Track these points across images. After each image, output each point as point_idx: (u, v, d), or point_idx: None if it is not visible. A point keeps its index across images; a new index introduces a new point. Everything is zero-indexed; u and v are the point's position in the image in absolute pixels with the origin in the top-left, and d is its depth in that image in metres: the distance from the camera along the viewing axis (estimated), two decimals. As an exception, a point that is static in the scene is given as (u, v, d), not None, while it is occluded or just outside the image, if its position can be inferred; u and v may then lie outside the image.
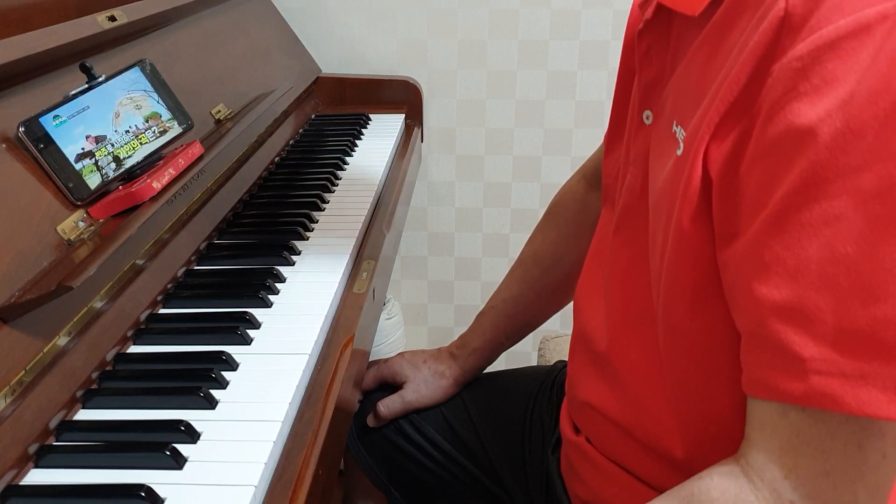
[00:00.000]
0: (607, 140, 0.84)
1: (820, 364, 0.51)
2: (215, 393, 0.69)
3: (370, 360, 1.04)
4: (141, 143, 0.90)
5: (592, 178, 0.99)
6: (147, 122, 0.92)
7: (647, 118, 0.71)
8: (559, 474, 0.87)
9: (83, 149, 0.82)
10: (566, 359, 1.05)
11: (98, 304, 0.75)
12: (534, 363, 1.25)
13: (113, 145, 0.86)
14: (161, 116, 0.95)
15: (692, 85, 0.62)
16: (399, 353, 1.05)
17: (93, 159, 0.82)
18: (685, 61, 0.64)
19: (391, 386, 1.02)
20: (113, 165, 0.85)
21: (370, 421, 1.01)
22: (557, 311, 1.05)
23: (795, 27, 0.51)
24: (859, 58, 0.49)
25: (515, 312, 1.02)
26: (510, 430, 0.96)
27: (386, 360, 1.04)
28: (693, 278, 0.60)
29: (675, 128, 0.63)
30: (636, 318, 0.72)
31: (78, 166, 0.80)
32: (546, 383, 0.98)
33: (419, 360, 1.03)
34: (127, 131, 0.89)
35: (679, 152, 0.61)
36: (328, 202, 1.13)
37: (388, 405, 0.99)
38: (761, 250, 0.53)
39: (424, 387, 1.01)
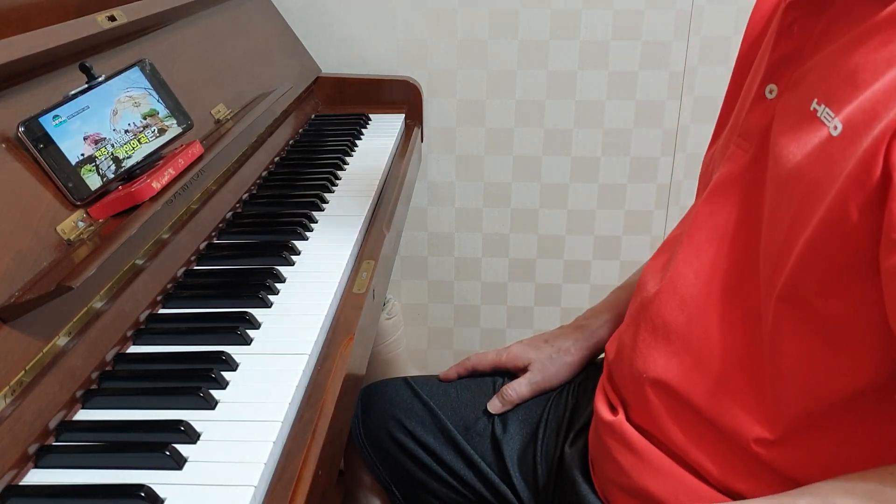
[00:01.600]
0: (717, 131, 0.83)
1: None
2: (215, 393, 0.68)
3: (370, 359, 1.04)
4: (140, 143, 0.90)
5: None
6: (145, 119, 0.92)
7: (771, 92, 0.70)
8: (581, 465, 0.87)
9: (83, 150, 0.82)
10: None
11: (98, 305, 0.75)
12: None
13: (113, 145, 0.86)
14: (159, 114, 0.95)
15: (853, 67, 0.61)
16: (517, 341, 1.04)
17: (92, 160, 0.82)
18: (846, 40, 0.63)
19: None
20: (112, 165, 0.85)
21: (494, 407, 0.98)
22: None
23: None
24: None
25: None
26: (525, 430, 0.96)
27: (506, 348, 1.02)
28: (845, 262, 0.59)
29: (816, 106, 0.62)
30: (721, 290, 0.71)
31: (78, 166, 0.80)
32: (562, 386, 0.98)
33: (539, 341, 1.02)
34: (126, 131, 0.89)
35: (835, 133, 0.60)
36: (328, 202, 1.12)
37: (517, 389, 0.97)
38: None
39: (550, 364, 0.99)
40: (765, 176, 0.69)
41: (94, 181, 0.81)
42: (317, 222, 1.05)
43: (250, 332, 0.78)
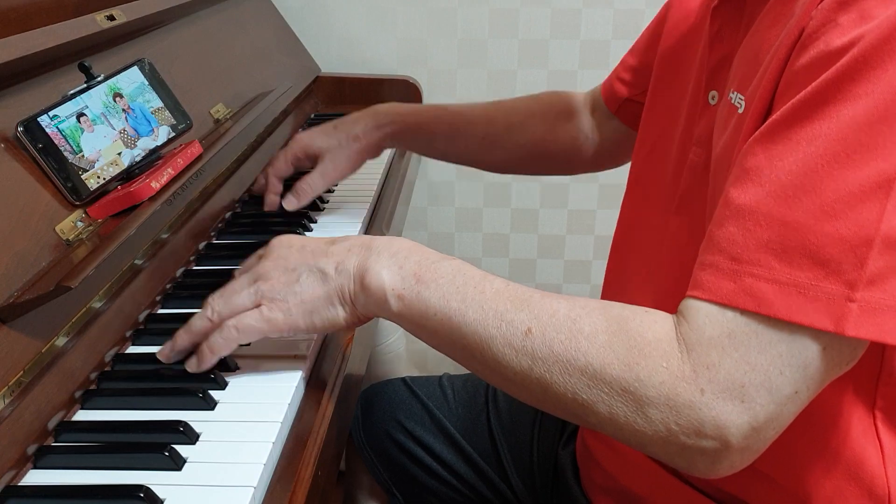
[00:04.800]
0: (647, 121, 0.85)
1: (755, 268, 0.53)
2: (214, 394, 0.68)
3: (370, 359, 1.04)
4: (140, 143, 0.90)
5: (596, 105, 1.04)
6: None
7: (713, 98, 0.71)
8: (572, 467, 0.87)
9: (82, 148, 0.82)
10: None
11: (97, 305, 0.75)
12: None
13: (112, 145, 0.86)
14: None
15: (753, 53, 0.63)
16: (305, 131, 1.05)
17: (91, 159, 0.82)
18: (750, 32, 0.65)
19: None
20: (111, 165, 0.84)
21: (290, 203, 1.00)
22: (476, 164, 1.08)
23: None
24: None
25: (458, 128, 1.04)
26: (520, 430, 0.95)
27: (293, 139, 1.04)
28: None
29: (731, 94, 0.64)
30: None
31: (77, 166, 0.80)
32: None
33: (329, 127, 1.03)
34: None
35: (740, 111, 0.62)
36: (327, 202, 1.12)
37: (310, 182, 0.99)
38: (747, 157, 0.55)
39: (340, 152, 1.00)
40: None
41: (92, 181, 0.81)
42: (316, 222, 1.05)
43: (250, 333, 0.78)
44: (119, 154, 0.86)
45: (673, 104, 0.80)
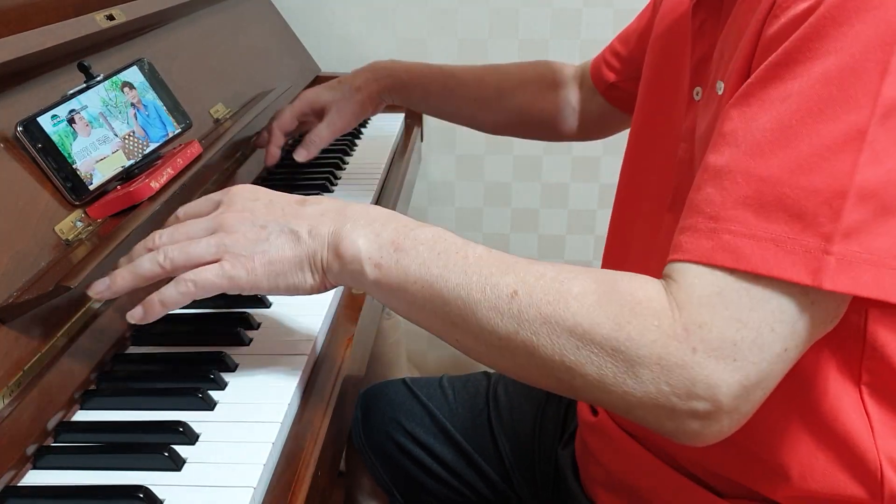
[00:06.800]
0: (639, 121, 0.87)
1: (732, 224, 0.53)
2: (214, 394, 0.68)
3: (370, 360, 1.04)
4: (140, 143, 0.90)
5: (584, 80, 1.10)
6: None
7: (697, 94, 0.72)
8: (572, 464, 0.87)
9: (81, 148, 0.81)
10: None
11: (96, 305, 0.75)
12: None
13: (111, 145, 0.85)
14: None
15: (732, 40, 0.63)
16: (311, 88, 1.13)
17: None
18: (728, 22, 0.66)
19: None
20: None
21: (300, 154, 1.09)
22: (467, 123, 1.18)
23: None
24: None
25: (451, 88, 1.13)
26: (522, 428, 0.95)
27: (298, 95, 1.12)
28: None
29: (717, 84, 0.65)
30: None
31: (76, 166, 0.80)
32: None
33: (333, 82, 1.12)
34: (125, 131, 0.88)
35: (720, 93, 0.63)
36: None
37: (318, 133, 1.07)
38: (724, 123, 0.56)
39: (346, 104, 1.09)
40: None
41: (92, 181, 0.81)
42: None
43: (249, 333, 0.78)
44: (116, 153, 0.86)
45: (660, 100, 0.80)
